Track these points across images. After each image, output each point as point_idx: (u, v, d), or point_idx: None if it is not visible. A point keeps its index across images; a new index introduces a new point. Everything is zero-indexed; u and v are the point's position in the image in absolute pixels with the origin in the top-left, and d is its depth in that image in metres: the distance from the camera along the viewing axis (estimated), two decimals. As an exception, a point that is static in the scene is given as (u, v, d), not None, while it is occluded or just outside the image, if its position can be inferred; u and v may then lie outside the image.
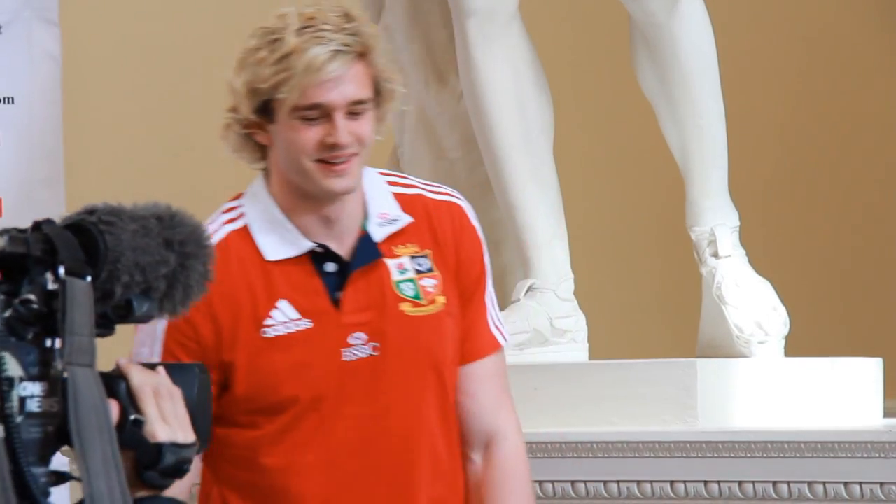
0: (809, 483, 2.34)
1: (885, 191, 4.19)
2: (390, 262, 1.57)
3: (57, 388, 0.65)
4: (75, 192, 3.04)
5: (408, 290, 1.58)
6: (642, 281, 3.89)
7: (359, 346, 1.54)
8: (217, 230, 1.53)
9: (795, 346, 2.76)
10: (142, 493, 0.72)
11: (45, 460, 0.67)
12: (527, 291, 2.70)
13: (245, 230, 1.57)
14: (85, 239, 0.67)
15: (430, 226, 1.60)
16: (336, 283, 1.55)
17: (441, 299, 1.59)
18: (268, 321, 1.53)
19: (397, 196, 1.61)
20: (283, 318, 1.54)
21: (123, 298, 0.66)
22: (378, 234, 1.58)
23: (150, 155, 3.82)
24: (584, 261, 2.91)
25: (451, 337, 1.59)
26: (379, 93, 1.57)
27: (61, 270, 0.64)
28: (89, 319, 0.64)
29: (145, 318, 0.69)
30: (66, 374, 0.64)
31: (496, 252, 2.49)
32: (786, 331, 2.70)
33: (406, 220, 1.59)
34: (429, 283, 1.59)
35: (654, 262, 3.85)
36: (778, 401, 2.60)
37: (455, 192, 1.71)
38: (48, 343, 0.65)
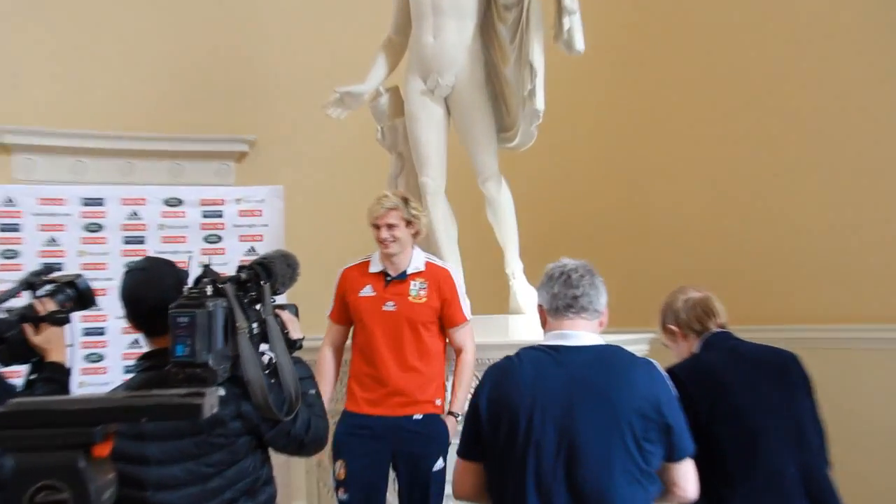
0: None
1: None
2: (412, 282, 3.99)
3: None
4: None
5: (414, 291, 3.93)
6: None
7: (389, 306, 3.88)
8: (351, 263, 4.06)
9: None
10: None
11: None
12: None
13: (366, 263, 4.03)
14: (265, 269, 1.89)
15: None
16: (386, 283, 3.95)
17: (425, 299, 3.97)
18: (361, 292, 3.94)
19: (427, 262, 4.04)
20: (368, 292, 3.93)
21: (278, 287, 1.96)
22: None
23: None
24: None
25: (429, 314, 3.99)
26: (409, 222, 3.94)
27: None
28: (269, 297, 1.86)
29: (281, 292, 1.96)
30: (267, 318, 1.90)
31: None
32: None
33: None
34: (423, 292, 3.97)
35: None
36: None
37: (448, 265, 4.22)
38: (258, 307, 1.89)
